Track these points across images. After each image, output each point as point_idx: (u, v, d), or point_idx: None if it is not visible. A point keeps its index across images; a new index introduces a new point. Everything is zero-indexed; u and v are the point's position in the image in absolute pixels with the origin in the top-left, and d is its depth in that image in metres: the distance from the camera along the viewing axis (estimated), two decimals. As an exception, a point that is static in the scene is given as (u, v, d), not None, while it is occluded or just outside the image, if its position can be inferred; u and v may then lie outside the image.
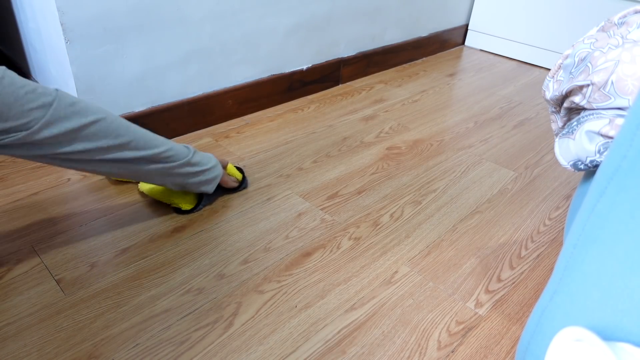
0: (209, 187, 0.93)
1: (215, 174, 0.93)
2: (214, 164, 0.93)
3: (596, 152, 0.59)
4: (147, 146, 0.80)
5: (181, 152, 0.86)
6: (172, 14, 1.09)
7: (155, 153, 0.81)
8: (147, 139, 0.81)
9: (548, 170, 1.18)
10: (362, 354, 0.69)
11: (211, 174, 0.92)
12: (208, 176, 0.92)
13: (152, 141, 0.81)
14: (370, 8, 1.56)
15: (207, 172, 0.91)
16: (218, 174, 0.94)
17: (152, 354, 0.67)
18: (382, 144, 1.24)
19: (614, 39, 0.59)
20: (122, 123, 0.78)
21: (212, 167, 0.92)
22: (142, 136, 0.80)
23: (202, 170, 0.90)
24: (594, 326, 0.43)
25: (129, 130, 0.78)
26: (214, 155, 0.95)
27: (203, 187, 0.92)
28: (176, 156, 0.85)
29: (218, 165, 0.95)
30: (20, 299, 0.74)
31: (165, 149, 0.83)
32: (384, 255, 0.87)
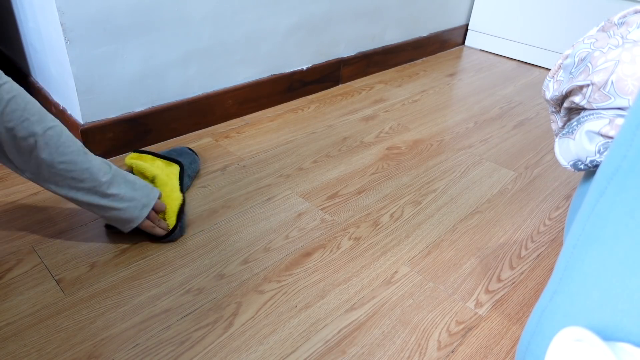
0: (121, 227, 0.82)
1: (129, 215, 0.80)
2: (132, 204, 0.80)
3: (596, 152, 0.59)
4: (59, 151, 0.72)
5: (99, 173, 0.76)
6: (172, 14, 1.09)
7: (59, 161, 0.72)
8: (60, 142, 0.72)
9: (548, 170, 1.18)
10: (362, 354, 0.69)
11: (125, 214, 0.80)
12: (120, 215, 0.79)
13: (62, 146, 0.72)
14: (370, 8, 1.56)
15: (118, 211, 0.79)
16: (134, 216, 0.81)
17: (152, 354, 0.67)
18: (382, 144, 1.24)
19: (614, 39, 0.59)
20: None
21: (127, 207, 0.79)
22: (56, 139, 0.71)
23: (112, 207, 0.78)
24: (594, 326, 0.43)
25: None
26: (150, 190, 0.84)
27: (115, 223, 0.82)
28: (89, 174, 0.75)
29: (142, 207, 0.81)
30: (20, 299, 0.74)
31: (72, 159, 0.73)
32: (384, 255, 0.87)
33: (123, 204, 0.79)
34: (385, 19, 1.64)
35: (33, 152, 0.71)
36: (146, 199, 0.82)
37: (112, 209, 0.79)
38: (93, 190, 0.76)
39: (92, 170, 0.75)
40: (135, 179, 0.82)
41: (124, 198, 0.79)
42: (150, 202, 0.83)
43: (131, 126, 1.11)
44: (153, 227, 0.84)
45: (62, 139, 0.73)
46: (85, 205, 0.78)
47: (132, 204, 0.80)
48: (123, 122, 1.10)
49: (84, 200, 0.77)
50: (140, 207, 0.81)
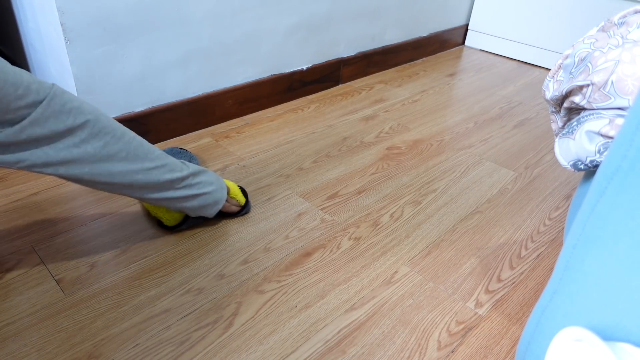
0: (209, 211, 0.86)
1: (215, 198, 0.85)
2: (216, 187, 0.85)
3: (596, 152, 0.59)
4: (139, 158, 0.73)
5: (178, 170, 0.78)
6: (172, 14, 1.09)
7: (147, 168, 0.74)
8: (140, 151, 0.73)
9: (548, 170, 1.18)
10: (362, 354, 0.69)
11: (211, 198, 0.84)
12: (208, 200, 0.84)
13: (146, 153, 0.74)
14: (370, 8, 1.56)
15: (207, 195, 0.84)
16: (219, 198, 0.86)
17: (152, 354, 0.67)
18: (382, 144, 1.24)
19: (614, 39, 0.59)
20: (115, 128, 0.71)
21: (213, 190, 0.85)
22: (134, 147, 0.73)
23: (201, 193, 0.82)
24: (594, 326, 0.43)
25: (122, 138, 0.71)
26: (218, 176, 0.89)
27: (202, 211, 0.85)
28: (172, 174, 0.77)
29: (221, 188, 0.87)
30: (20, 299, 0.74)
31: (160, 164, 0.75)
32: (384, 255, 0.87)
33: (209, 188, 0.84)
34: (385, 19, 1.64)
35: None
36: (217, 181, 0.87)
37: (202, 194, 0.83)
38: (183, 185, 0.80)
39: (176, 164, 0.80)
40: (199, 167, 0.86)
41: (207, 182, 0.84)
42: (223, 183, 0.89)
43: (131, 126, 1.11)
44: (230, 205, 0.91)
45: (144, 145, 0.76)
46: (173, 200, 0.80)
47: (213, 187, 0.85)
48: (123, 122, 1.10)
49: (174, 196, 0.79)
50: (222, 188, 0.87)
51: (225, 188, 0.88)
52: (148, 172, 0.75)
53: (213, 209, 0.87)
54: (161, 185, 0.77)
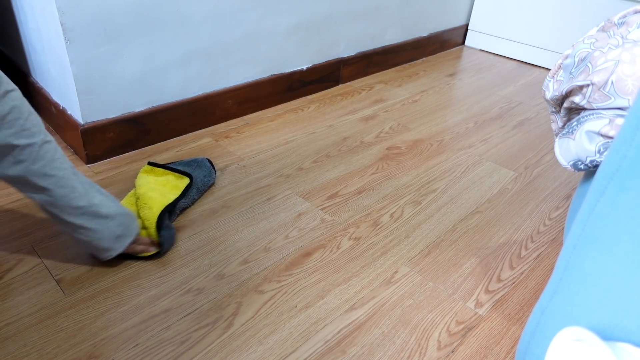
0: (101, 254, 0.78)
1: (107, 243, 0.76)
2: (110, 231, 0.76)
3: (596, 152, 0.59)
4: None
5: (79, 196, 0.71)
6: (172, 14, 1.09)
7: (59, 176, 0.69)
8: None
9: (548, 170, 1.18)
10: (362, 354, 0.69)
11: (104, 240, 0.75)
12: (99, 241, 0.75)
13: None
14: (370, 8, 1.56)
15: (98, 234, 0.75)
16: (113, 245, 0.77)
17: (152, 354, 0.67)
18: (382, 144, 1.24)
19: (614, 39, 0.59)
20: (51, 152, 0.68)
21: (104, 236, 0.75)
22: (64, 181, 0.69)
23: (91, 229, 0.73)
24: (594, 326, 0.43)
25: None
26: (129, 218, 0.79)
27: (94, 250, 0.77)
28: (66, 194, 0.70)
29: (119, 237, 0.77)
30: (20, 299, 0.74)
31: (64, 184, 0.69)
32: (384, 255, 0.87)
33: (102, 227, 0.75)
34: (385, 19, 1.64)
35: (25, 162, 0.67)
36: (125, 229, 0.78)
37: (93, 231, 0.74)
38: (80, 210, 0.72)
39: (80, 190, 0.72)
40: (120, 210, 0.78)
41: (105, 223, 0.75)
42: (130, 232, 0.79)
43: (131, 126, 1.11)
44: (135, 249, 0.81)
45: (56, 155, 0.70)
46: (64, 223, 0.73)
47: (109, 231, 0.76)
48: (123, 122, 1.10)
49: (63, 217, 0.72)
50: (115, 238, 0.77)
51: (128, 236, 0.79)
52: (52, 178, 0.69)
53: (103, 254, 0.78)
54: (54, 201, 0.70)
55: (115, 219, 0.76)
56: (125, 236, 0.78)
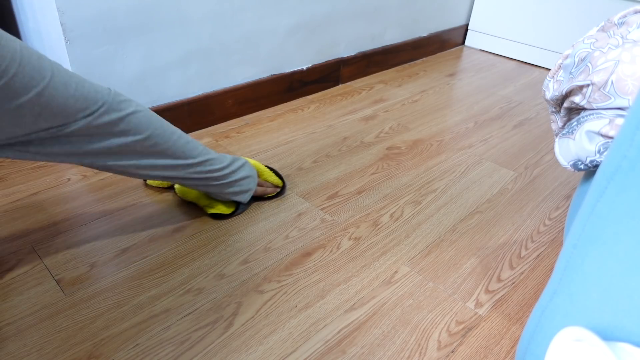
0: (242, 197, 0.92)
1: (249, 186, 0.92)
2: (247, 174, 0.91)
3: (596, 152, 0.59)
4: (183, 155, 0.79)
5: (218, 162, 0.85)
6: (172, 14, 1.09)
7: (190, 163, 0.80)
8: (186, 148, 0.79)
9: (548, 170, 1.18)
10: (362, 354, 0.69)
11: (245, 186, 0.91)
12: (242, 188, 0.91)
13: (190, 151, 0.80)
14: (370, 8, 1.56)
15: (240, 183, 0.90)
16: (252, 186, 0.93)
17: (152, 354, 0.67)
18: (382, 144, 1.24)
19: (614, 39, 0.59)
20: (159, 123, 0.76)
21: (246, 178, 0.91)
22: (181, 144, 0.78)
23: (234, 181, 0.88)
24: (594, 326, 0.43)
25: (170, 136, 0.77)
26: (249, 163, 0.94)
27: (235, 197, 0.91)
28: (213, 167, 0.84)
29: (253, 176, 0.93)
30: (20, 299, 0.74)
31: (203, 159, 0.82)
32: (384, 255, 0.87)
33: (242, 175, 0.90)
34: (385, 19, 1.64)
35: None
36: (251, 168, 0.93)
37: (235, 183, 0.89)
38: (222, 175, 0.86)
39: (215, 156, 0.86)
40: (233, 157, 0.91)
41: (240, 171, 0.89)
42: (254, 170, 0.94)
43: (131, 126, 1.11)
44: (264, 189, 0.97)
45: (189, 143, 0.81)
46: (214, 187, 0.87)
47: (248, 174, 0.91)
48: (123, 122, 1.09)
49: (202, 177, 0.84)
50: (254, 176, 0.93)
51: (255, 176, 0.94)
52: (189, 168, 0.81)
53: (245, 196, 0.92)
54: (199, 179, 0.84)
55: (245, 164, 0.92)
56: (254, 175, 0.94)
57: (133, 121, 0.71)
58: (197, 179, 0.83)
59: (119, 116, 0.69)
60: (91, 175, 1.04)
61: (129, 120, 0.70)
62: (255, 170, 0.95)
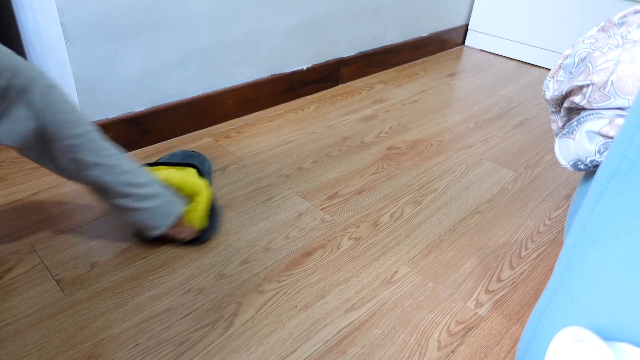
0: (146, 229, 0.81)
1: (155, 223, 0.79)
2: (159, 204, 0.79)
3: (596, 152, 0.59)
4: (102, 147, 0.74)
5: (142, 174, 0.77)
6: (172, 14, 1.09)
7: (110, 154, 0.74)
8: (104, 143, 0.74)
9: (548, 170, 1.18)
10: (362, 354, 0.69)
11: (152, 219, 0.79)
12: (149, 218, 0.79)
13: (110, 146, 0.75)
14: (370, 8, 1.56)
15: (151, 210, 0.78)
16: (158, 225, 0.80)
17: (152, 354, 0.67)
18: (382, 144, 1.24)
19: (614, 39, 0.59)
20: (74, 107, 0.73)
21: (157, 207, 0.79)
22: (95, 135, 0.74)
23: (146, 208, 0.77)
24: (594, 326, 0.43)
25: (82, 122, 0.74)
26: (173, 198, 0.82)
27: (143, 223, 0.79)
28: (129, 168, 0.76)
29: (165, 214, 0.80)
30: (20, 299, 0.74)
31: (124, 159, 0.75)
32: (384, 255, 0.87)
33: (151, 207, 0.78)
34: (385, 19, 1.64)
35: (73, 153, 0.73)
36: (171, 207, 0.80)
37: (142, 211, 0.77)
38: (124, 193, 0.76)
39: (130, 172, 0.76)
40: (164, 188, 0.81)
41: (153, 200, 0.78)
42: (175, 210, 0.81)
43: (131, 126, 1.11)
44: (180, 232, 0.83)
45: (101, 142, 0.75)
46: (117, 207, 0.78)
47: (159, 211, 0.79)
48: (123, 122, 1.10)
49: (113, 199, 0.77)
50: (165, 215, 0.80)
51: (171, 214, 0.81)
52: (97, 167, 0.73)
53: (148, 230, 0.80)
54: (103, 186, 0.75)
55: (163, 197, 0.80)
56: (171, 214, 0.81)
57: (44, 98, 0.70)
58: (98, 185, 0.75)
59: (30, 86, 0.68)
60: (91, 175, 1.04)
61: (42, 94, 0.70)
62: (177, 207, 0.81)
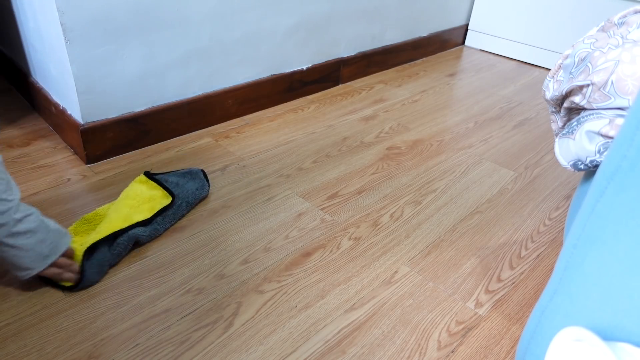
0: (17, 273, 0.70)
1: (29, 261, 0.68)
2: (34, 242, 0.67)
3: (596, 152, 0.59)
4: None
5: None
6: (172, 14, 1.09)
7: None
8: None
9: (548, 170, 1.18)
10: (362, 354, 0.69)
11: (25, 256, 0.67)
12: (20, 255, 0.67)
13: None
14: (370, 8, 1.56)
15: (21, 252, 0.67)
16: (35, 264, 0.69)
17: (152, 354, 0.67)
18: (382, 144, 1.24)
19: (614, 39, 0.59)
20: None
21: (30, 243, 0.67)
22: None
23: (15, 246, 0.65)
24: (594, 326, 0.43)
25: None
26: (56, 233, 0.72)
27: (11, 268, 0.69)
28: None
29: (44, 256, 0.69)
30: (20, 299, 0.74)
31: None
32: (384, 255, 0.87)
33: (24, 244, 0.66)
34: (385, 19, 1.64)
35: None
36: (51, 247, 0.70)
37: (14, 248, 0.65)
38: None
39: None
40: (47, 224, 0.70)
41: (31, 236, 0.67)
42: (57, 250, 0.71)
43: (131, 126, 1.11)
44: (60, 273, 0.73)
45: None
46: None
47: (35, 248, 0.68)
48: (123, 122, 1.10)
49: None
50: (42, 257, 0.69)
51: (52, 255, 0.70)
52: None
53: (21, 273, 0.70)
54: None
55: (39, 234, 0.68)
56: (49, 255, 0.70)
57: None
58: None
59: None
60: (91, 175, 1.04)
61: None
62: (46, 246, 0.69)
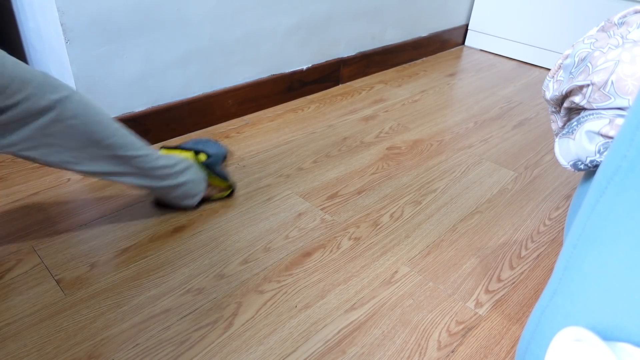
0: (191, 201, 0.93)
1: (196, 190, 0.92)
2: (193, 177, 0.91)
3: (596, 152, 0.59)
4: (125, 146, 0.78)
5: (165, 160, 0.84)
6: (172, 14, 1.09)
7: (134, 155, 0.79)
8: (127, 139, 0.78)
9: (548, 170, 1.18)
10: (362, 354, 0.69)
11: (193, 189, 0.91)
12: (189, 190, 0.91)
13: (133, 142, 0.79)
14: (370, 8, 1.56)
15: (188, 185, 0.90)
16: (199, 190, 0.93)
17: (152, 354, 0.67)
18: (382, 144, 1.24)
19: (614, 39, 0.59)
20: (97, 110, 0.75)
21: (192, 180, 0.90)
22: (119, 133, 0.77)
23: (181, 183, 0.88)
24: (594, 326, 0.43)
25: (104, 121, 0.75)
26: (195, 165, 0.92)
27: (184, 201, 0.92)
28: (158, 164, 0.83)
29: (198, 180, 0.92)
30: (20, 299, 0.74)
31: (147, 152, 0.81)
32: (384, 255, 0.87)
33: (189, 178, 0.90)
34: (385, 19, 1.64)
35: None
36: (199, 173, 0.92)
37: (185, 184, 0.89)
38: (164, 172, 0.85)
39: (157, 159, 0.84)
40: (186, 160, 0.91)
41: (188, 174, 0.89)
42: (200, 173, 0.93)
43: (131, 126, 1.11)
44: (212, 189, 0.96)
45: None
46: (157, 189, 0.86)
47: (195, 178, 0.91)
48: (123, 122, 1.10)
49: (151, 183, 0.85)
50: (201, 180, 0.92)
51: (201, 179, 0.93)
52: (133, 160, 0.80)
53: (193, 200, 0.93)
54: (144, 174, 0.82)
55: (191, 168, 0.90)
56: (200, 179, 0.92)
57: (68, 105, 0.71)
58: (141, 174, 0.82)
59: (54, 99, 0.69)
60: (91, 175, 1.04)
61: (63, 104, 0.70)
62: (202, 173, 0.93)
